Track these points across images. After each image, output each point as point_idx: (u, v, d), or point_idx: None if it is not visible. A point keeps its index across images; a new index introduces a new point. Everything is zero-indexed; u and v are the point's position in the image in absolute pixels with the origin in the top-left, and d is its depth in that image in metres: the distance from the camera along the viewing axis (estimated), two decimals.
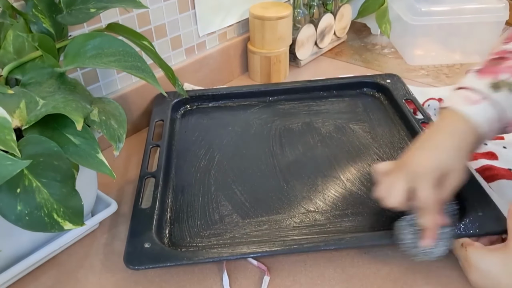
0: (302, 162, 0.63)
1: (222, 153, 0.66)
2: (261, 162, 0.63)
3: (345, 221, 0.53)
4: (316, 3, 0.95)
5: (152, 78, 0.46)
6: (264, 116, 0.74)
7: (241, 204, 0.56)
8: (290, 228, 0.52)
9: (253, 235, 0.52)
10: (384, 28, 0.98)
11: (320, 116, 0.73)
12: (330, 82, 0.80)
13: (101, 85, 0.69)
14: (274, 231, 0.52)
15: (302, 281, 0.49)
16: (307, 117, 0.73)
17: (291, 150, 0.65)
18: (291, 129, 0.70)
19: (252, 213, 0.55)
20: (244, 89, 0.79)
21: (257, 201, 0.57)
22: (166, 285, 0.49)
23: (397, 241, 0.47)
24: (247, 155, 0.65)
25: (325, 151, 0.65)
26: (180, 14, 0.76)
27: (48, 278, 0.50)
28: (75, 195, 0.41)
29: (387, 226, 0.51)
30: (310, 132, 0.69)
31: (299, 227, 0.52)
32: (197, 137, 0.70)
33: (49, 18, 0.49)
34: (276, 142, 0.67)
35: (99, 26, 0.64)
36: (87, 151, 0.42)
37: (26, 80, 0.45)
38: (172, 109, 0.74)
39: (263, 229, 0.53)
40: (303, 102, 0.77)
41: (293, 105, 0.76)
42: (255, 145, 0.67)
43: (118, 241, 0.55)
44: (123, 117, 0.47)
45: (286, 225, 0.53)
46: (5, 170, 0.34)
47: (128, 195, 0.61)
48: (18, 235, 0.45)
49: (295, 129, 0.70)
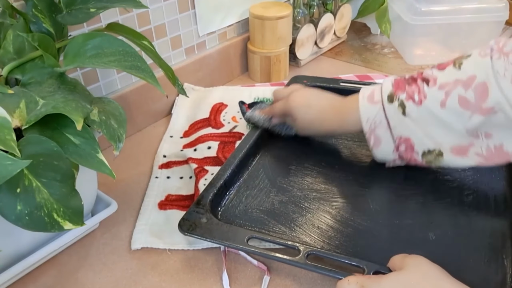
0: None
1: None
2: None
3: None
4: (316, 3, 0.95)
5: (152, 78, 0.46)
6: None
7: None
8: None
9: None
10: (384, 28, 0.98)
11: None
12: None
13: (101, 85, 0.69)
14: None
15: (302, 281, 0.49)
16: None
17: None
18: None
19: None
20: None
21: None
22: (166, 285, 0.49)
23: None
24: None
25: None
26: (180, 14, 0.76)
27: (48, 278, 0.50)
28: (75, 195, 0.41)
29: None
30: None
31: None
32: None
33: (49, 18, 0.49)
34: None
35: (99, 26, 0.64)
36: (87, 151, 0.42)
37: (26, 80, 0.45)
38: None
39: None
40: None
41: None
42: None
43: (118, 241, 0.55)
44: (123, 117, 0.47)
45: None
46: (5, 170, 0.34)
47: (128, 194, 0.61)
48: (18, 235, 0.45)
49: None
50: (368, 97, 0.55)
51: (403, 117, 0.52)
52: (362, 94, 0.56)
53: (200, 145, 0.69)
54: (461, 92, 0.48)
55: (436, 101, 0.50)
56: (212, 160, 0.65)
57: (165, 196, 0.60)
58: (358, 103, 0.55)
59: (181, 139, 0.72)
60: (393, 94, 0.53)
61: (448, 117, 0.49)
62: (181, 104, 0.80)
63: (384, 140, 0.54)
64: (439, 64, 0.52)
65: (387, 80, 0.55)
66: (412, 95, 0.51)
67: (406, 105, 0.51)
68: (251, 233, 0.49)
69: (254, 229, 0.53)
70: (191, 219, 0.51)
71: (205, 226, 0.50)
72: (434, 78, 0.50)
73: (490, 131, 0.49)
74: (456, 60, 0.50)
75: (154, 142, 0.72)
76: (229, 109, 0.78)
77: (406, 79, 0.53)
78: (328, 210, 0.55)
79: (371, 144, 0.56)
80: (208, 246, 0.53)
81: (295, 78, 0.81)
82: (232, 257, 0.52)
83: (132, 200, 0.60)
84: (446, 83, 0.49)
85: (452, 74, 0.49)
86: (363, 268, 0.44)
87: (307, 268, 0.45)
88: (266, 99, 0.80)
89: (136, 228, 0.55)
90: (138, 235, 0.54)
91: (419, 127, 0.51)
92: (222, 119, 0.75)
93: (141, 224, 0.56)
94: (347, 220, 0.53)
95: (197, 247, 0.53)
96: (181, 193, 0.61)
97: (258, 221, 0.54)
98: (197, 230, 0.50)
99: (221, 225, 0.50)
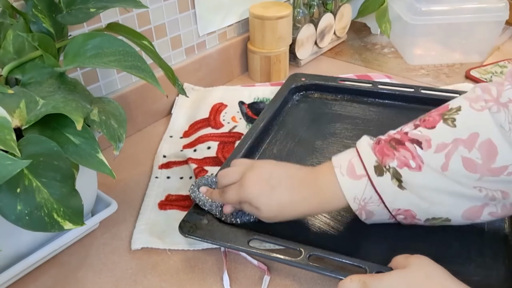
0: None
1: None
2: None
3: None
4: (316, 3, 0.95)
5: (152, 78, 0.46)
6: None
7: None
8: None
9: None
10: (384, 27, 0.98)
11: None
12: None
13: (101, 85, 0.69)
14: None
15: (302, 281, 0.49)
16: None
17: None
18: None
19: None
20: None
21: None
22: (166, 285, 0.49)
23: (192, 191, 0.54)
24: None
25: None
26: (180, 13, 0.76)
27: (48, 278, 0.50)
28: (75, 195, 0.41)
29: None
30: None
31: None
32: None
33: (49, 18, 0.49)
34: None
35: (99, 26, 0.64)
36: (87, 151, 0.42)
37: (26, 80, 0.45)
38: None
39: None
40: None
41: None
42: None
43: (118, 241, 0.55)
44: (123, 117, 0.47)
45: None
46: (5, 170, 0.34)
47: (128, 194, 0.61)
48: (18, 235, 0.45)
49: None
50: (348, 172, 0.46)
51: (400, 190, 0.44)
52: (339, 167, 0.46)
53: (200, 145, 0.69)
54: (464, 153, 0.41)
55: (436, 165, 0.42)
56: (212, 160, 0.65)
57: (165, 196, 0.60)
58: (335, 178, 0.46)
59: (181, 139, 0.72)
60: (380, 164, 0.44)
61: (454, 182, 0.42)
62: (181, 104, 0.80)
63: (377, 213, 0.47)
64: (422, 120, 0.45)
65: (363, 145, 0.47)
66: (406, 161, 0.43)
67: (401, 174, 0.43)
68: (252, 234, 0.49)
69: (255, 229, 0.53)
70: (191, 221, 0.51)
71: (206, 227, 0.50)
72: (426, 139, 0.43)
73: (507, 190, 0.42)
74: (445, 116, 0.43)
75: (154, 142, 0.72)
76: (229, 109, 0.78)
77: (389, 142, 0.45)
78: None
79: (363, 218, 0.48)
80: (208, 246, 0.52)
81: (294, 76, 0.81)
82: (233, 257, 0.52)
83: (132, 200, 0.60)
84: (444, 144, 0.42)
85: (448, 132, 0.42)
86: (365, 268, 0.44)
87: (309, 269, 0.45)
88: (266, 98, 0.80)
89: (136, 228, 0.55)
90: (138, 235, 0.54)
91: (421, 198, 0.44)
92: (222, 119, 0.75)
93: (141, 224, 0.56)
94: (348, 220, 0.53)
95: (197, 247, 0.53)
96: (181, 193, 0.61)
97: (258, 222, 0.54)
98: (198, 231, 0.50)
99: (222, 226, 0.50)
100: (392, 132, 0.47)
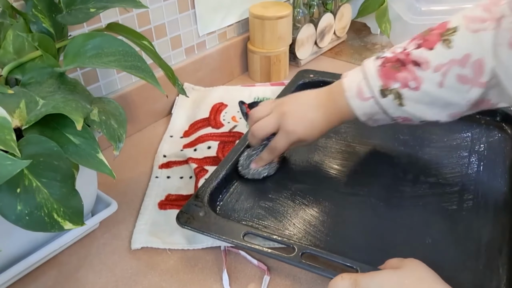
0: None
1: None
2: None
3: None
4: (316, 3, 0.95)
5: (152, 78, 0.46)
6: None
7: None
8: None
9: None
10: (384, 27, 0.98)
11: None
12: None
13: (101, 85, 0.69)
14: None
15: (302, 281, 0.49)
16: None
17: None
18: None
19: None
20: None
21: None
22: (166, 285, 0.49)
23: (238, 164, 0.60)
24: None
25: None
26: (180, 13, 0.76)
27: (48, 278, 0.50)
28: (75, 195, 0.41)
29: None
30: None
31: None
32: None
33: (49, 18, 0.49)
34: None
35: (99, 26, 0.64)
36: (87, 151, 0.42)
37: (26, 80, 0.45)
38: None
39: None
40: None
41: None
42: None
43: (118, 241, 0.55)
44: (123, 117, 0.47)
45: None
46: (5, 170, 0.34)
47: (128, 194, 0.61)
48: (18, 235, 0.45)
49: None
50: (357, 94, 0.53)
51: (400, 107, 0.51)
52: (349, 90, 0.54)
53: (200, 145, 0.69)
54: (458, 71, 0.48)
55: (433, 83, 0.49)
56: (212, 160, 0.65)
57: (165, 196, 0.60)
58: (346, 101, 0.54)
59: (181, 139, 0.72)
60: (384, 87, 0.51)
61: (448, 94, 0.49)
62: (181, 104, 0.80)
63: (381, 120, 0.55)
64: (422, 38, 0.51)
65: (369, 67, 0.53)
66: (406, 82, 0.50)
67: (402, 93, 0.50)
68: (247, 229, 0.49)
69: (252, 224, 0.53)
70: (189, 212, 0.51)
71: (202, 219, 0.51)
72: (426, 61, 0.49)
73: (489, 98, 0.49)
74: (444, 37, 0.49)
75: (154, 142, 0.72)
76: (229, 109, 0.78)
77: (393, 63, 0.51)
78: (326, 210, 0.55)
79: (369, 124, 0.57)
80: (208, 245, 0.53)
81: (302, 72, 0.82)
82: (232, 257, 0.52)
83: (132, 200, 0.60)
84: (441, 64, 0.48)
85: (445, 54, 0.48)
86: (356, 269, 0.44)
87: (301, 266, 0.45)
88: (266, 98, 0.80)
89: (136, 228, 0.55)
90: (138, 235, 0.54)
91: (417, 110, 0.51)
92: (222, 119, 0.75)
93: (141, 224, 0.56)
94: (344, 221, 0.53)
95: (197, 246, 0.53)
96: (181, 193, 0.61)
97: (256, 217, 0.54)
98: (194, 223, 0.50)
99: (218, 219, 0.51)
100: (398, 50, 0.52)
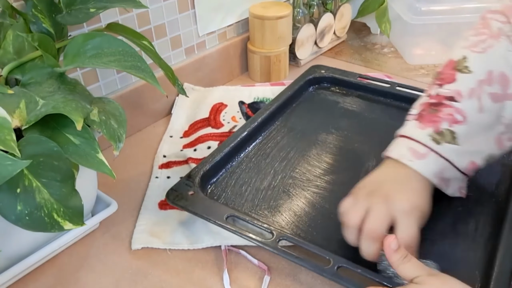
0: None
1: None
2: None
3: None
4: (316, 3, 0.95)
5: (152, 78, 0.46)
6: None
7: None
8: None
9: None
10: (384, 27, 0.98)
11: None
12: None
13: (101, 85, 0.69)
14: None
15: (302, 280, 0.49)
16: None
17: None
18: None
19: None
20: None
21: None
22: (166, 285, 0.49)
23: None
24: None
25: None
26: (179, 14, 0.76)
27: (48, 278, 0.50)
28: (75, 195, 0.41)
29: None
30: None
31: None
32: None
33: (49, 18, 0.49)
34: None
35: (99, 26, 0.64)
36: (87, 151, 0.42)
37: (26, 80, 0.45)
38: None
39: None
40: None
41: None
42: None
43: (118, 241, 0.55)
44: (123, 117, 0.47)
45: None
46: (5, 170, 0.34)
47: (128, 195, 0.61)
48: (18, 235, 0.45)
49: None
50: (413, 155, 0.48)
51: (458, 147, 0.47)
52: (403, 157, 0.48)
53: (200, 145, 0.69)
54: (489, 90, 0.47)
55: (474, 110, 0.48)
56: None
57: None
58: (409, 169, 0.47)
59: (181, 139, 0.72)
60: (435, 131, 0.47)
61: (489, 119, 0.48)
62: (181, 104, 0.80)
63: (453, 179, 0.50)
64: (438, 80, 0.50)
65: (405, 130, 0.50)
66: (452, 117, 0.47)
67: (454, 131, 0.47)
68: (231, 212, 0.50)
69: (239, 209, 0.54)
70: (179, 190, 0.53)
71: (190, 198, 0.52)
72: (457, 92, 0.48)
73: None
74: (458, 67, 0.49)
75: (154, 142, 0.72)
76: (229, 109, 0.78)
77: (428, 109, 0.49)
78: (316, 201, 0.56)
79: (449, 193, 0.51)
80: (208, 245, 0.53)
81: (315, 67, 0.82)
82: (233, 257, 0.52)
83: (132, 200, 0.60)
84: (472, 88, 0.48)
85: (470, 79, 0.48)
86: (329, 260, 0.44)
87: (276, 252, 0.46)
88: (266, 98, 0.80)
89: (136, 228, 0.55)
90: (138, 235, 0.54)
91: (472, 145, 0.48)
92: (222, 119, 0.75)
93: (141, 224, 0.56)
94: (336, 214, 0.53)
95: (198, 246, 0.53)
96: None
97: (245, 202, 0.55)
98: (181, 201, 0.51)
99: (205, 200, 0.52)
100: (422, 101, 0.50)
